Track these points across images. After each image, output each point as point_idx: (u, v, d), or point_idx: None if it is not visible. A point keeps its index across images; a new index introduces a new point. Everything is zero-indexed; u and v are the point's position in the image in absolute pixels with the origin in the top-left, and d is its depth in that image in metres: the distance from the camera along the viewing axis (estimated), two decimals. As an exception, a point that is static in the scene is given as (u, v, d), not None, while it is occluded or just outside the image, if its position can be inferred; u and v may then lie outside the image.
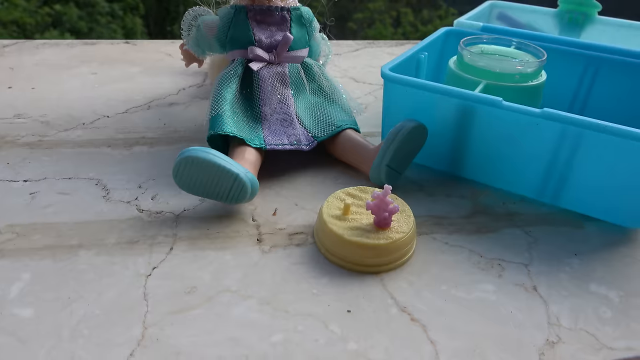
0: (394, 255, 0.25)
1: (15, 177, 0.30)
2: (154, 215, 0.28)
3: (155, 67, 0.48)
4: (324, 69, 0.36)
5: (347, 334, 0.21)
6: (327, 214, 0.25)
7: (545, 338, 0.21)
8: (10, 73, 0.45)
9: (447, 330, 0.22)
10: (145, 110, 0.40)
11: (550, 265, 0.26)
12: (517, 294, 0.24)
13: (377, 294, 0.23)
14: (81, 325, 0.21)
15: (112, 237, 0.26)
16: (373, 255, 0.24)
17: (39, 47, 0.51)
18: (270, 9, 0.34)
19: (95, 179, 0.30)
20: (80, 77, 0.45)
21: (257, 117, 0.32)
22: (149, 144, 0.35)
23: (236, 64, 0.33)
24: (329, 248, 0.25)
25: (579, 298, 0.24)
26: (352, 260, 0.24)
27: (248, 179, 0.26)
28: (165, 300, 0.22)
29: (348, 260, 0.24)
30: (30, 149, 0.33)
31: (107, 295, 0.22)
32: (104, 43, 0.54)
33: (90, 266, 0.24)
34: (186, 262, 0.24)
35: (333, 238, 0.25)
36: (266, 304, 0.22)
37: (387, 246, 0.24)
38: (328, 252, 0.25)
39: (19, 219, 0.27)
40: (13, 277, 0.23)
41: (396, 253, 0.25)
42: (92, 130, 0.36)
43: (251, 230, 0.27)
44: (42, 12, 4.50)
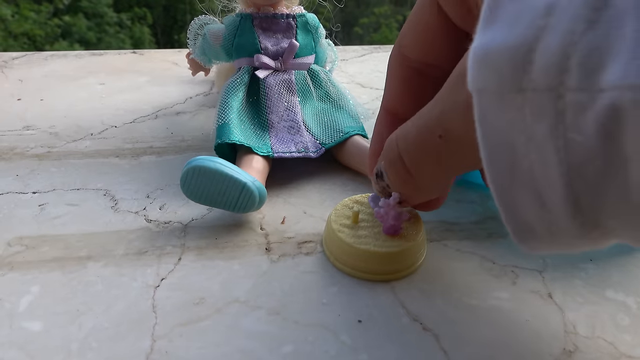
0: (405, 262, 0.24)
1: (24, 189, 0.30)
2: (162, 225, 0.27)
3: (163, 77, 0.48)
4: (330, 75, 0.36)
5: (358, 345, 0.21)
6: (336, 223, 0.25)
7: (562, 347, 0.21)
8: (19, 85, 0.45)
9: (460, 339, 0.21)
10: (152, 119, 0.40)
11: (564, 271, 0.25)
12: (532, 301, 0.23)
13: (387, 303, 0.23)
14: (90, 338, 0.21)
15: (120, 248, 0.26)
16: (383, 263, 0.24)
17: (48, 58, 0.52)
18: (276, 17, 0.34)
19: (104, 190, 0.30)
20: (88, 87, 0.45)
21: (264, 125, 0.32)
22: (156, 154, 0.35)
23: (242, 72, 0.33)
24: (338, 257, 0.25)
25: (595, 305, 0.23)
26: (362, 269, 0.24)
27: (256, 188, 0.26)
28: (174, 311, 0.22)
29: (358, 269, 0.24)
30: (39, 160, 0.33)
31: (116, 308, 0.22)
32: (111, 53, 0.54)
33: (98, 278, 0.24)
34: (195, 272, 0.24)
35: (342, 247, 0.24)
36: (275, 314, 0.22)
37: (398, 253, 0.24)
38: (337, 260, 0.25)
39: (28, 231, 0.27)
40: (23, 290, 0.23)
41: (407, 260, 0.24)
42: (100, 140, 0.36)
43: (260, 239, 0.27)
44: (51, 24, 4.57)
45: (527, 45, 0.13)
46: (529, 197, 0.15)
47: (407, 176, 0.21)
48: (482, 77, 0.14)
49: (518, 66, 0.13)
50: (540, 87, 0.13)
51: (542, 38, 0.13)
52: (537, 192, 0.15)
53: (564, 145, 0.13)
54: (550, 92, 0.13)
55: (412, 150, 0.20)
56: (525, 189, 0.15)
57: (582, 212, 0.14)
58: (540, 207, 0.15)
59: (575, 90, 0.13)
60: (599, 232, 0.15)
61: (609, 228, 0.14)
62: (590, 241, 0.15)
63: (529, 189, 0.15)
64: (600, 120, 0.12)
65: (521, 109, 0.14)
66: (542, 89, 0.13)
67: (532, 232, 0.16)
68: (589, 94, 0.12)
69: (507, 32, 0.14)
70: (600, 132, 0.12)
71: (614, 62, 0.12)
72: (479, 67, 0.14)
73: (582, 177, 0.13)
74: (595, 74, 0.12)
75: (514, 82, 0.14)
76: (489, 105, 0.14)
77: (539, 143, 0.14)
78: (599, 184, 0.13)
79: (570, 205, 0.14)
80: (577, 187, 0.14)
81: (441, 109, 0.18)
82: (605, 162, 0.13)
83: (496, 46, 0.14)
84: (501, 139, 0.15)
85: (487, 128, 0.15)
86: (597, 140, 0.12)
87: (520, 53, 0.13)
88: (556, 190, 0.14)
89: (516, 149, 0.14)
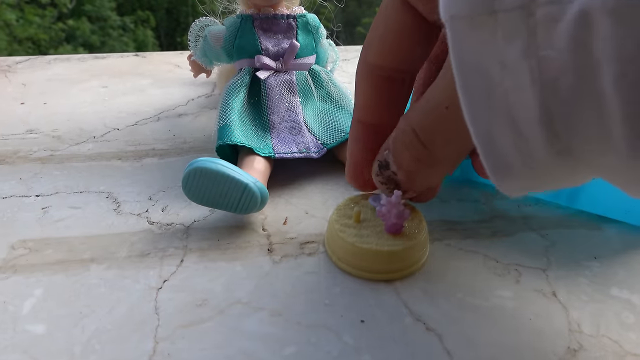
0: (408, 260, 0.24)
1: (28, 193, 0.30)
2: (165, 227, 0.28)
3: (165, 79, 0.48)
4: (332, 75, 0.36)
5: (361, 345, 0.21)
6: (338, 222, 0.25)
7: (567, 346, 0.21)
8: (22, 89, 0.45)
9: (463, 339, 0.21)
10: (155, 121, 0.40)
11: (568, 269, 0.25)
12: (535, 300, 0.23)
13: (390, 303, 0.23)
14: (93, 340, 0.21)
15: (123, 251, 0.26)
16: (386, 262, 0.24)
17: (51, 62, 0.52)
18: (276, 17, 0.34)
19: (106, 192, 0.31)
20: (91, 90, 0.45)
21: (266, 126, 0.32)
22: (159, 156, 0.35)
23: (243, 73, 0.33)
24: (341, 257, 0.25)
25: (600, 303, 0.23)
26: (366, 268, 0.24)
27: (257, 188, 0.26)
28: (176, 313, 0.22)
29: (361, 269, 0.24)
30: (42, 163, 0.34)
31: (119, 310, 0.22)
32: (113, 56, 0.54)
33: (101, 280, 0.24)
34: (197, 274, 0.24)
35: (345, 246, 0.24)
36: (278, 316, 0.22)
37: (401, 252, 0.24)
38: (340, 260, 0.25)
39: (32, 234, 0.27)
40: (26, 293, 0.23)
41: (410, 259, 0.24)
42: (103, 143, 0.36)
43: (262, 240, 0.27)
44: (55, 28, 4.59)
45: None
46: (506, 126, 0.15)
47: (422, 151, 0.20)
48: (453, 3, 0.14)
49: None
50: (510, 7, 0.13)
51: None
52: (513, 119, 0.14)
53: (537, 64, 0.13)
54: (521, 11, 0.13)
55: (426, 126, 0.20)
56: (501, 117, 0.15)
57: (558, 136, 0.14)
58: (517, 136, 0.15)
59: (545, 4, 0.13)
60: (574, 160, 0.14)
61: (585, 155, 0.14)
62: (568, 171, 0.15)
63: (505, 117, 0.15)
64: (571, 31, 0.12)
65: (493, 33, 0.14)
66: (512, 8, 0.13)
67: (510, 168, 0.15)
68: (559, 6, 0.12)
69: None
70: (571, 42, 0.12)
71: None
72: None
73: (556, 94, 0.13)
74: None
75: (485, 4, 0.13)
76: (461, 31, 0.14)
77: (512, 66, 0.14)
78: (572, 98, 0.13)
79: (545, 128, 0.14)
80: (551, 106, 0.13)
81: (445, 82, 0.18)
82: (577, 73, 0.13)
83: None
84: (475, 66, 0.14)
85: (460, 56, 0.15)
86: (568, 53, 0.12)
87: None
88: (531, 113, 0.14)
89: (490, 76, 0.14)
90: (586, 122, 0.13)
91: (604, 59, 0.12)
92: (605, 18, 0.12)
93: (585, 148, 0.14)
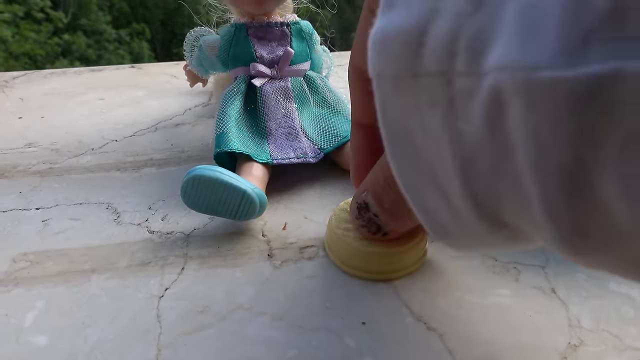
0: (414, 257, 0.24)
1: (28, 206, 0.31)
2: (165, 236, 0.28)
3: (161, 89, 0.49)
4: (327, 81, 0.36)
5: (363, 347, 0.21)
6: (339, 228, 0.25)
7: (567, 341, 0.21)
8: (20, 104, 0.46)
9: (464, 337, 0.21)
10: (152, 132, 0.40)
11: (567, 266, 0.25)
12: (535, 297, 0.23)
13: (391, 304, 0.23)
14: (95, 351, 0.21)
15: (123, 260, 0.26)
16: (394, 262, 0.24)
17: (47, 76, 0.52)
18: (270, 25, 0.34)
19: (106, 203, 0.31)
20: (88, 103, 0.46)
21: (263, 132, 0.32)
22: (157, 165, 0.35)
23: (239, 81, 0.33)
24: (347, 261, 0.25)
25: (599, 298, 0.23)
26: (374, 270, 0.24)
27: (256, 195, 0.26)
28: (178, 321, 0.22)
29: (369, 271, 0.24)
30: (41, 176, 0.34)
31: (121, 319, 0.22)
32: (109, 69, 0.55)
33: (103, 290, 0.24)
34: (198, 281, 0.24)
35: (351, 251, 0.24)
36: (279, 320, 0.22)
37: (406, 250, 0.24)
38: (345, 265, 0.25)
39: (32, 246, 0.27)
40: (28, 306, 0.23)
41: (415, 256, 0.24)
42: (101, 155, 0.37)
43: (262, 246, 0.27)
44: (51, 43, 4.61)
45: (419, 28, 0.13)
46: (435, 193, 0.14)
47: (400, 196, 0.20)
48: (379, 61, 0.14)
49: (412, 49, 0.13)
50: (432, 72, 0.12)
51: (432, 21, 0.12)
52: (441, 188, 0.14)
53: (457, 137, 0.12)
54: (441, 78, 0.12)
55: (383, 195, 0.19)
56: (429, 184, 0.14)
57: (484, 210, 0.13)
58: (447, 204, 0.14)
59: (463, 75, 0.12)
60: (507, 231, 0.14)
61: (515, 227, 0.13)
62: (505, 240, 0.14)
63: (433, 185, 0.14)
64: (485, 106, 0.11)
65: (416, 96, 0.13)
66: (433, 74, 0.12)
67: (447, 232, 0.15)
68: (475, 78, 0.12)
69: (403, 15, 0.13)
70: (485, 119, 0.12)
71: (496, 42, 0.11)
72: (377, 50, 0.14)
73: (476, 171, 0.13)
74: (480, 57, 0.11)
75: (409, 67, 0.13)
76: (387, 90, 0.14)
77: (434, 134, 0.13)
78: (492, 177, 0.12)
79: (470, 202, 0.13)
80: (473, 182, 0.13)
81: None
82: (495, 153, 0.12)
83: (392, 29, 0.13)
84: (400, 128, 0.14)
85: (386, 115, 0.14)
86: (484, 129, 0.12)
87: (413, 36, 0.13)
88: (455, 186, 0.13)
89: (415, 140, 0.14)
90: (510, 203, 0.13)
91: (519, 142, 0.11)
92: (516, 99, 0.11)
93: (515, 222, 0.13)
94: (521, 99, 0.10)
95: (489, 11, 0.11)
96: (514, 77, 0.10)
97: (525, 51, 0.10)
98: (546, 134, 0.10)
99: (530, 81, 0.10)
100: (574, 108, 0.10)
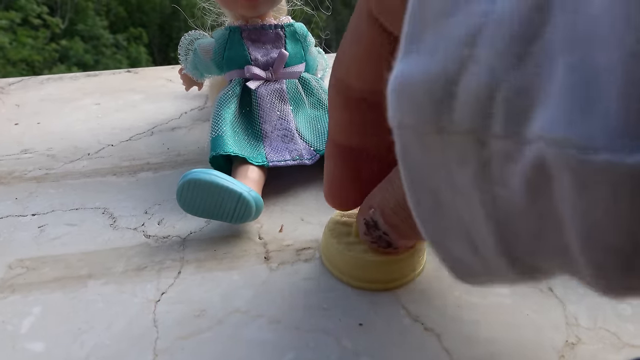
0: (419, 263, 0.24)
1: (24, 212, 0.30)
2: (161, 240, 0.28)
3: (157, 93, 0.49)
4: (322, 82, 0.36)
5: (360, 348, 0.21)
6: (339, 243, 0.24)
7: (565, 340, 0.21)
8: (16, 110, 0.46)
9: (462, 337, 0.21)
10: (148, 136, 0.40)
11: (564, 263, 0.25)
12: (532, 296, 0.23)
13: (388, 305, 0.23)
14: (92, 357, 0.21)
15: (120, 265, 0.26)
16: (400, 270, 0.23)
17: (43, 82, 0.52)
18: (264, 28, 0.34)
19: (102, 208, 0.31)
20: (84, 108, 0.46)
21: (258, 135, 0.32)
22: (153, 169, 0.35)
23: (234, 84, 0.33)
24: (353, 274, 0.24)
25: (596, 296, 0.23)
26: (382, 280, 0.23)
27: (252, 197, 0.26)
28: (175, 325, 0.22)
29: (376, 281, 0.23)
30: (37, 182, 0.34)
31: (117, 325, 0.22)
32: (105, 74, 0.55)
33: (99, 296, 0.24)
34: (194, 285, 0.24)
35: (357, 263, 0.23)
36: (277, 322, 0.22)
37: (412, 255, 0.24)
38: (352, 278, 0.24)
39: (29, 253, 0.27)
40: (25, 312, 0.23)
41: (420, 261, 0.24)
42: (97, 160, 0.37)
43: (258, 248, 0.27)
44: (49, 49, 4.61)
45: (448, 76, 0.11)
46: (461, 243, 0.13)
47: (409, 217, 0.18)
48: (400, 110, 0.12)
49: (437, 101, 0.11)
50: (461, 130, 0.11)
51: (466, 69, 0.11)
52: (470, 239, 0.13)
53: (492, 200, 0.11)
54: (472, 136, 0.11)
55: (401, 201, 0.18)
56: (456, 235, 0.13)
57: (519, 264, 0.13)
58: (474, 254, 0.13)
59: (500, 137, 0.11)
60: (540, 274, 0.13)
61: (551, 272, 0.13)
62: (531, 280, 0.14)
63: (460, 236, 0.13)
64: (527, 174, 0.10)
65: (443, 152, 0.12)
66: (463, 132, 0.11)
67: (470, 272, 0.14)
68: (515, 144, 0.10)
69: (428, 61, 0.11)
70: (527, 187, 0.11)
71: (542, 107, 0.10)
72: (398, 98, 0.12)
73: (515, 235, 0.12)
74: (522, 121, 0.10)
75: (434, 120, 0.11)
76: (410, 142, 0.12)
77: (464, 193, 0.12)
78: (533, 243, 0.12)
79: (505, 258, 0.13)
80: (510, 244, 0.12)
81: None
82: (537, 220, 0.11)
83: (417, 73, 0.12)
84: (425, 182, 0.13)
85: (409, 167, 0.13)
86: (525, 197, 0.11)
87: (440, 85, 0.11)
88: (488, 243, 0.12)
89: (440, 195, 0.13)
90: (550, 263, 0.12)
91: (567, 216, 0.10)
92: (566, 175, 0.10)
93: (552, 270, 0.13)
94: (571, 176, 0.10)
95: (535, 64, 0.10)
96: (564, 154, 0.09)
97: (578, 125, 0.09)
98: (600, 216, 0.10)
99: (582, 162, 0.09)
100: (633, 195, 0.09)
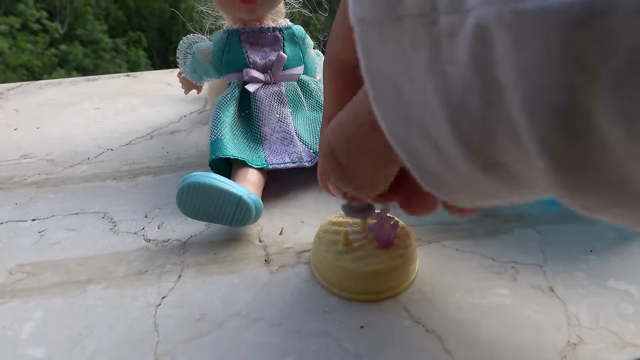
0: (413, 268, 0.24)
1: (24, 217, 0.30)
2: (161, 244, 0.28)
3: (156, 97, 0.49)
4: (320, 85, 0.36)
5: (361, 351, 0.21)
6: (335, 258, 0.23)
7: (566, 340, 0.21)
8: (15, 115, 0.46)
9: (463, 339, 0.21)
10: (148, 140, 0.40)
11: (565, 264, 0.25)
12: (533, 296, 0.23)
13: (389, 307, 0.23)
14: (93, 361, 0.21)
15: (120, 270, 0.26)
16: (394, 278, 0.23)
17: (42, 87, 0.52)
18: (262, 30, 0.34)
19: (102, 213, 0.31)
20: (83, 113, 0.46)
21: (257, 138, 0.32)
22: (153, 173, 0.35)
23: (232, 87, 0.33)
24: (345, 286, 0.23)
25: (597, 296, 0.23)
26: (374, 290, 0.23)
27: (252, 200, 0.26)
28: (176, 329, 0.22)
29: (368, 292, 0.23)
30: (37, 187, 0.34)
31: (118, 329, 0.22)
32: (104, 78, 0.55)
33: (100, 300, 0.24)
34: (195, 288, 0.24)
35: (346, 274, 0.23)
36: (277, 325, 0.22)
37: (404, 262, 0.23)
38: (344, 291, 0.23)
39: (29, 258, 0.27)
40: (25, 318, 0.23)
41: (413, 267, 0.24)
42: (97, 164, 0.37)
43: (259, 251, 0.27)
44: (48, 54, 4.61)
45: None
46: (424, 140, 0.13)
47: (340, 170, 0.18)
48: (360, 6, 0.13)
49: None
50: (413, 13, 0.12)
51: None
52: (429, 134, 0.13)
53: (443, 82, 0.12)
54: (424, 18, 0.12)
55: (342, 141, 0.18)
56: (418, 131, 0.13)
57: (477, 154, 0.13)
58: (437, 150, 0.13)
59: (445, 13, 0.11)
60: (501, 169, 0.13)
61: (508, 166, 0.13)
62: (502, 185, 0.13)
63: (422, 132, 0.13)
64: (470, 45, 0.11)
65: (400, 41, 0.12)
66: (415, 15, 0.12)
67: (438, 178, 0.14)
68: (459, 16, 0.11)
69: None
70: (471, 58, 0.11)
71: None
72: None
73: (466, 117, 0.12)
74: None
75: (391, 9, 0.12)
76: (369, 37, 0.13)
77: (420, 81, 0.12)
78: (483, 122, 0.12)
79: (462, 147, 0.13)
80: (463, 128, 0.12)
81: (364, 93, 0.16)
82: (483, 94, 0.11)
83: None
84: (385, 77, 0.13)
85: (370, 63, 0.13)
86: (471, 70, 0.11)
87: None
88: (444, 132, 0.12)
89: (401, 88, 0.13)
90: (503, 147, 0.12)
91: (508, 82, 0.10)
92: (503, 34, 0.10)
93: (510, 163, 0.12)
94: (508, 33, 0.10)
95: None
96: (500, 11, 0.10)
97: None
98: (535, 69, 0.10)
99: (517, 12, 0.10)
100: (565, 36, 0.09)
